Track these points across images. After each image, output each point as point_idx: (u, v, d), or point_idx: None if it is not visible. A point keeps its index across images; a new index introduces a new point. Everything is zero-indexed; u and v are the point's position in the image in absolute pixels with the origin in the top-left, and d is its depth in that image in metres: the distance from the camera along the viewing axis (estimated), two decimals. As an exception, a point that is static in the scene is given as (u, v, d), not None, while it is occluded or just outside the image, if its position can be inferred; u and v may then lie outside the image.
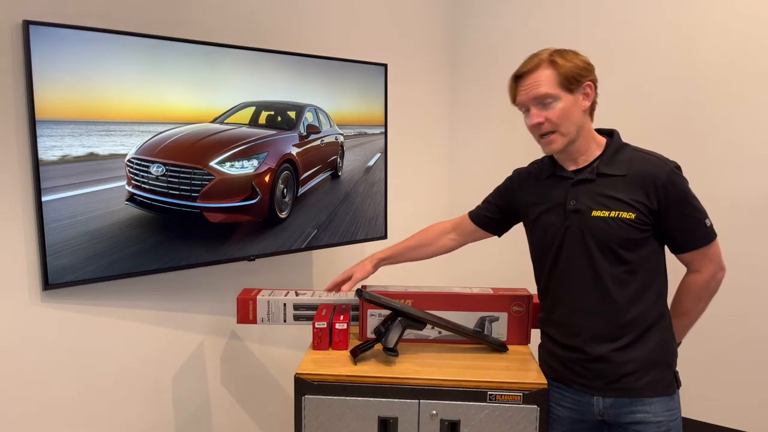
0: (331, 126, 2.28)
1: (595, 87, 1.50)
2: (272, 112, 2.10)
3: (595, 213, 1.47)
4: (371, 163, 2.44)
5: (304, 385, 1.56)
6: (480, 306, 1.79)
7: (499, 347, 1.76)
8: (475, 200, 1.80)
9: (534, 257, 1.64)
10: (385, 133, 2.47)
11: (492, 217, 1.75)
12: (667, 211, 1.45)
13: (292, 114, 2.15)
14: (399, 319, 1.66)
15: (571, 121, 1.46)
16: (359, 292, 1.67)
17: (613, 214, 1.45)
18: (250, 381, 2.37)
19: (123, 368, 1.96)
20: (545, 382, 1.55)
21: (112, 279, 1.80)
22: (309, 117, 2.20)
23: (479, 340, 1.76)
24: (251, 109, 2.04)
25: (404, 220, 2.91)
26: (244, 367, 2.35)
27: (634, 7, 2.55)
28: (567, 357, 1.55)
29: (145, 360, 2.02)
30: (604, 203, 1.47)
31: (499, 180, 1.75)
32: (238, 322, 1.91)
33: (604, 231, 1.46)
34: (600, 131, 1.56)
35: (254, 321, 1.89)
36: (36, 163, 1.63)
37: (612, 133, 1.55)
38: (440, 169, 3.13)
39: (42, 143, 1.63)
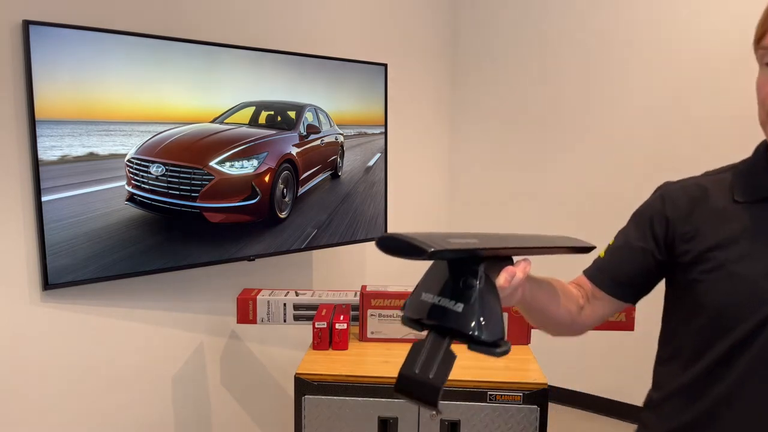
0: (331, 126, 2.28)
1: None
2: (272, 112, 2.10)
3: None
4: (371, 163, 2.44)
5: (304, 385, 1.56)
6: (480, 306, 1.79)
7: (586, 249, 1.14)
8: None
9: (691, 326, 0.92)
10: (385, 133, 2.47)
11: (635, 273, 0.98)
12: None
13: (292, 114, 2.15)
14: (483, 265, 0.74)
15: None
16: (428, 250, 0.66)
17: None
18: (250, 381, 2.37)
19: (123, 368, 1.96)
20: (545, 381, 1.54)
21: (112, 279, 1.80)
22: (309, 117, 2.20)
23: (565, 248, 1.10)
24: (251, 109, 2.04)
25: (404, 220, 2.92)
26: (244, 367, 2.35)
27: (633, 5, 2.55)
28: None
29: (144, 360, 2.02)
30: None
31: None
32: (238, 322, 1.91)
33: None
34: None
35: (254, 321, 1.89)
36: (36, 163, 1.63)
37: None
38: (440, 168, 3.13)
39: (42, 143, 1.63)
